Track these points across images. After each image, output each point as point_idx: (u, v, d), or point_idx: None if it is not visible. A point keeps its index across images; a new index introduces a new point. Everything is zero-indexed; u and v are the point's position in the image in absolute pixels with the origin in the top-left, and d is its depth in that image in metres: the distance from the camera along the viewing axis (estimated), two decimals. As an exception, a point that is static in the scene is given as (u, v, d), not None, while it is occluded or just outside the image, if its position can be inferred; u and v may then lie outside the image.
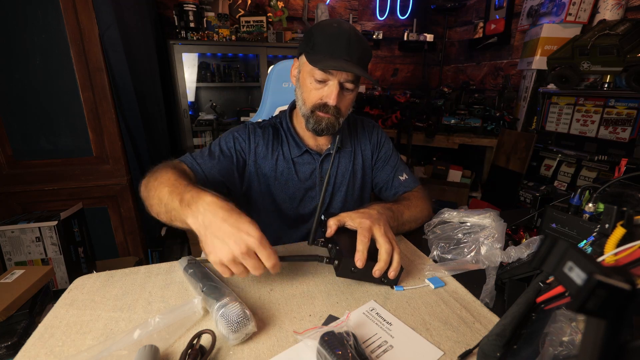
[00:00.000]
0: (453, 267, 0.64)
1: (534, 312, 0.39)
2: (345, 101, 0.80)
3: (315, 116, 0.79)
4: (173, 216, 0.58)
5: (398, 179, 0.93)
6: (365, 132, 0.96)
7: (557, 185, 1.81)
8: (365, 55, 0.77)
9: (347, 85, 0.77)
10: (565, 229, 0.67)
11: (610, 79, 1.62)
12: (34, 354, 0.45)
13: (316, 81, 0.76)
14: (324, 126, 0.79)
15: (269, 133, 0.89)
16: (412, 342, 0.47)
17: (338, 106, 0.78)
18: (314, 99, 0.78)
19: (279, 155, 0.87)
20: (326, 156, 0.89)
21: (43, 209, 1.59)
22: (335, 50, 0.72)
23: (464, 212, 0.79)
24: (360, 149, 0.94)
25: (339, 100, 0.77)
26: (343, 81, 0.76)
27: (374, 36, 2.79)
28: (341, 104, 0.79)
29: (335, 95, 0.75)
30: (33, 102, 1.47)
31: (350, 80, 0.76)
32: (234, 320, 0.44)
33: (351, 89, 0.79)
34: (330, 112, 0.78)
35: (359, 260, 0.56)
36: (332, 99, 0.75)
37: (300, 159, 0.88)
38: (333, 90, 0.75)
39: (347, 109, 0.82)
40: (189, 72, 2.17)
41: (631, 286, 0.19)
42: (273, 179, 0.88)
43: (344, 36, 0.73)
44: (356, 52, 0.73)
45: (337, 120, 0.80)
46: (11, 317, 1.04)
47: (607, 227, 0.38)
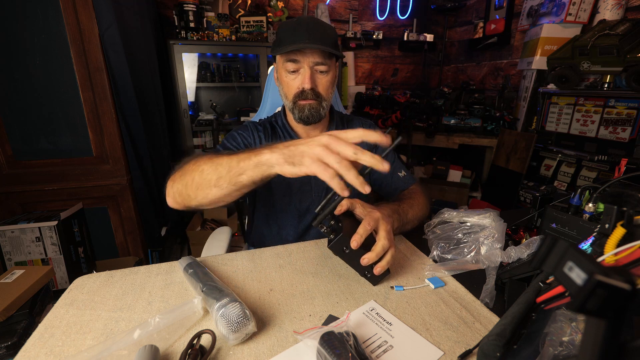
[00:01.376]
0: (453, 267, 0.64)
1: (534, 312, 0.39)
2: (322, 83, 0.82)
3: (297, 106, 0.83)
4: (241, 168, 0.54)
5: (397, 176, 0.95)
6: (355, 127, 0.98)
7: (557, 185, 1.81)
8: (326, 35, 0.79)
9: (319, 68, 0.80)
10: (565, 229, 0.67)
11: (610, 79, 1.62)
12: (34, 354, 0.45)
13: (290, 72, 0.81)
14: (308, 112, 0.83)
15: (268, 130, 0.93)
16: (412, 342, 0.47)
17: (316, 90, 0.81)
18: (292, 89, 0.82)
19: None
20: None
21: (43, 209, 1.59)
22: (296, 38, 0.77)
23: (464, 212, 0.79)
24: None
25: (315, 82, 0.81)
26: (313, 64, 0.79)
27: (374, 36, 2.79)
28: (319, 87, 0.82)
29: (307, 78, 0.79)
30: (33, 102, 1.47)
31: (321, 63, 0.80)
32: (234, 320, 0.44)
33: (325, 71, 0.81)
34: (310, 97, 0.81)
35: (355, 241, 0.56)
36: (306, 82, 0.79)
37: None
38: (305, 74, 0.80)
39: (326, 91, 0.84)
40: (189, 72, 2.17)
41: (631, 286, 0.19)
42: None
43: (302, 24, 0.78)
44: (316, 33, 0.77)
45: (320, 104, 0.83)
46: (11, 317, 1.04)
47: (607, 227, 0.38)
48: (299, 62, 0.79)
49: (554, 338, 0.38)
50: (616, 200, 0.43)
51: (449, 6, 2.79)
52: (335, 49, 0.80)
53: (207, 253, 0.91)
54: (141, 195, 1.73)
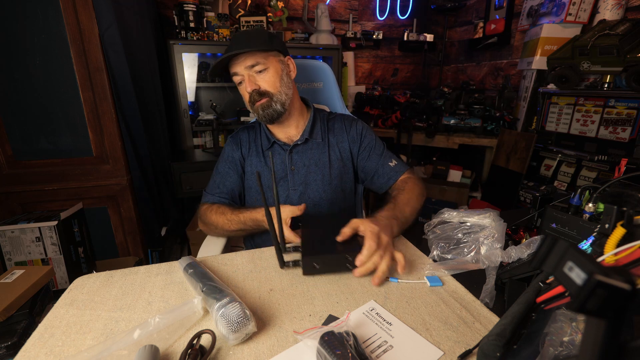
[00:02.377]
0: (453, 267, 0.64)
1: (534, 312, 0.39)
2: (265, 80, 0.87)
3: (254, 109, 0.89)
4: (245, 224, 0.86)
5: (388, 166, 0.97)
6: (344, 126, 1.01)
7: (557, 185, 1.81)
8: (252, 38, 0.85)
9: (255, 69, 0.86)
10: (565, 229, 0.67)
11: (610, 79, 1.62)
12: (34, 354, 0.45)
13: (238, 84, 0.89)
14: (262, 112, 0.88)
15: (246, 134, 1.00)
16: (412, 342, 0.47)
17: (261, 89, 0.87)
18: (246, 96, 0.90)
19: (254, 152, 0.98)
20: (295, 146, 0.96)
21: (43, 209, 1.59)
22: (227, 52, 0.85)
23: (464, 212, 0.79)
24: (337, 142, 0.99)
25: (256, 83, 0.86)
26: (249, 68, 0.85)
27: (374, 36, 2.79)
28: (262, 85, 0.87)
29: (247, 81, 0.86)
30: (33, 102, 1.47)
31: (253, 64, 0.85)
32: (234, 320, 0.44)
33: (263, 69, 0.86)
34: (258, 98, 0.87)
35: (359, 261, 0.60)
36: (248, 86, 0.86)
37: (269, 150, 0.97)
38: (245, 80, 0.86)
39: (272, 86, 0.88)
40: (189, 72, 2.17)
41: (631, 286, 0.19)
42: (250, 174, 0.98)
43: (232, 40, 0.87)
44: (241, 41, 0.84)
45: (271, 100, 0.88)
46: (11, 317, 1.04)
47: (607, 227, 0.38)
48: (237, 73, 0.86)
49: (554, 338, 0.38)
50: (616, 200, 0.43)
51: (449, 6, 2.79)
52: (267, 46, 0.85)
53: (204, 253, 0.91)
54: (141, 195, 1.73)
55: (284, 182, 0.96)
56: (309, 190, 0.97)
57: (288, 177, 0.96)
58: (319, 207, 0.97)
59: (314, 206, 0.96)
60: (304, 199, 0.96)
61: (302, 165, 0.96)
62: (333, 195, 0.97)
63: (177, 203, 2.03)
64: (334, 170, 0.97)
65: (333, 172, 0.97)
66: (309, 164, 0.96)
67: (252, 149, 0.98)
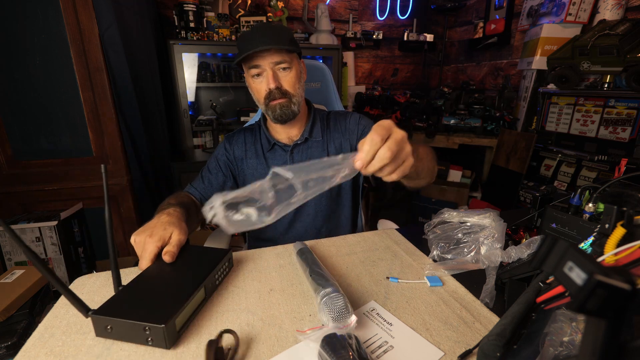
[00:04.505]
0: (453, 267, 0.64)
1: (534, 312, 0.39)
2: (287, 80, 0.85)
3: (269, 107, 0.86)
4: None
5: None
6: (337, 122, 0.99)
7: (557, 185, 1.81)
8: (280, 35, 0.82)
9: (280, 66, 0.84)
10: (565, 229, 0.67)
11: (610, 79, 1.62)
12: (34, 354, 0.45)
13: (255, 77, 0.85)
14: (280, 111, 0.85)
15: (242, 136, 0.98)
16: (413, 342, 0.47)
17: (282, 88, 0.84)
18: (261, 92, 0.86)
19: (252, 154, 0.96)
20: (295, 146, 0.94)
21: (43, 209, 1.59)
22: (251, 44, 0.80)
23: (464, 212, 0.79)
24: (333, 140, 0.98)
25: (279, 81, 0.84)
26: (274, 64, 0.83)
27: (374, 36, 2.79)
28: (284, 84, 0.85)
29: (271, 78, 0.83)
30: (33, 102, 1.47)
31: (280, 61, 0.83)
32: (336, 311, 0.47)
33: (287, 67, 0.84)
34: (278, 96, 0.84)
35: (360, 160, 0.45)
36: (270, 82, 0.83)
37: (271, 153, 0.96)
38: (268, 75, 0.83)
39: (293, 88, 0.86)
40: (189, 72, 2.17)
41: (631, 286, 0.19)
42: (251, 176, 0.96)
43: (255, 30, 0.82)
44: (269, 35, 0.81)
45: (290, 101, 0.86)
46: (11, 317, 1.04)
47: (607, 227, 0.38)
48: (260, 66, 0.83)
49: (554, 338, 0.38)
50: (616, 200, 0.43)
51: (449, 6, 2.79)
52: (292, 46, 0.83)
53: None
54: (141, 195, 1.73)
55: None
56: None
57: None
58: (318, 206, 0.96)
59: (314, 206, 0.96)
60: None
61: None
62: (331, 194, 0.97)
63: (177, 203, 2.03)
64: None
65: None
66: None
67: (251, 151, 0.97)
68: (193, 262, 0.59)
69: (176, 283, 0.53)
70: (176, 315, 0.46)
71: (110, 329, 0.46)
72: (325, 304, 0.48)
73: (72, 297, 0.45)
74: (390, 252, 0.73)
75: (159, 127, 1.88)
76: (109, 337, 0.47)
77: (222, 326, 0.50)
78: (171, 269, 0.57)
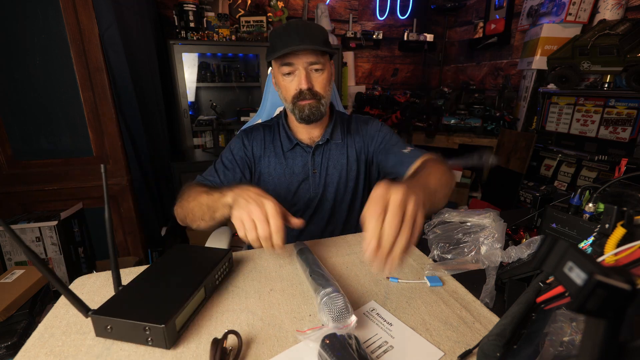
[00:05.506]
0: (453, 267, 0.64)
1: (534, 312, 0.39)
2: (319, 82, 0.83)
3: (297, 106, 0.84)
4: (215, 207, 0.68)
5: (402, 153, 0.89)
6: (359, 126, 0.98)
7: (557, 185, 1.81)
8: (316, 35, 0.80)
9: (314, 67, 0.82)
10: (565, 229, 0.67)
11: (611, 79, 1.62)
12: (34, 354, 0.45)
13: (286, 75, 0.83)
14: (308, 111, 0.84)
15: (261, 133, 0.96)
16: (413, 342, 0.47)
17: (314, 89, 0.83)
18: (291, 91, 0.84)
19: (271, 152, 0.94)
20: (316, 147, 0.93)
21: (43, 209, 1.59)
22: (287, 41, 0.78)
23: (464, 212, 0.79)
24: (354, 143, 0.96)
25: (311, 82, 0.82)
26: (307, 65, 0.81)
27: (374, 36, 2.79)
28: (316, 86, 0.83)
29: (304, 78, 0.81)
30: (33, 102, 1.47)
31: (314, 62, 0.81)
32: (336, 311, 0.47)
33: (320, 69, 0.82)
34: (308, 97, 0.82)
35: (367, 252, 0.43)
36: (303, 83, 0.81)
37: (291, 152, 0.94)
38: (301, 75, 0.81)
39: (324, 90, 0.85)
40: (189, 72, 2.17)
41: (631, 286, 0.19)
42: (267, 175, 0.94)
43: (291, 27, 0.80)
44: (306, 34, 0.78)
45: (319, 102, 0.84)
46: (11, 317, 1.04)
47: (607, 227, 0.38)
48: (293, 65, 0.81)
49: (554, 338, 0.38)
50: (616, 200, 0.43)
51: (449, 6, 2.79)
52: (327, 47, 0.81)
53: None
54: (141, 195, 1.73)
55: (306, 185, 0.94)
56: (327, 193, 0.94)
57: (310, 179, 0.93)
58: (335, 209, 0.95)
59: (331, 209, 0.94)
60: (322, 202, 0.94)
61: (322, 166, 0.94)
62: (348, 198, 0.95)
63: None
64: (351, 172, 0.95)
65: (350, 174, 0.95)
66: (327, 165, 0.94)
67: (270, 150, 0.94)
68: (193, 262, 0.59)
69: (176, 283, 0.53)
70: (176, 315, 0.46)
71: (110, 329, 0.46)
72: (326, 304, 0.48)
73: (72, 297, 0.45)
74: (390, 252, 0.72)
75: (159, 127, 1.88)
76: (109, 337, 0.47)
77: (222, 326, 0.50)
78: (171, 269, 0.57)
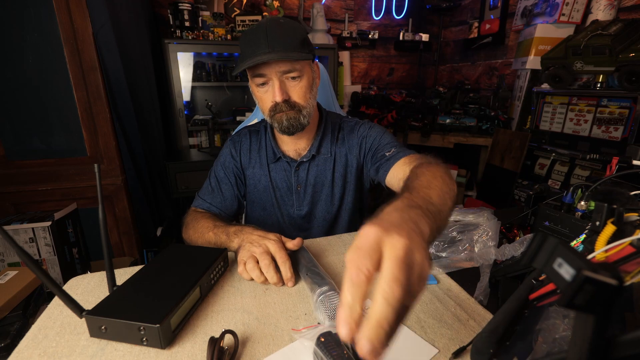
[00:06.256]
0: (447, 265, 0.65)
1: (526, 309, 0.39)
2: (296, 91, 0.76)
3: (275, 119, 0.77)
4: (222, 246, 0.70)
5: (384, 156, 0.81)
6: (345, 135, 0.90)
7: (551, 184, 1.83)
8: (290, 37, 0.71)
9: (289, 75, 0.74)
10: (558, 226, 0.68)
11: (603, 79, 1.64)
12: (27, 355, 0.44)
13: (260, 86, 0.76)
14: (287, 123, 0.76)
15: (248, 140, 0.92)
16: (407, 340, 0.48)
17: (291, 100, 0.75)
18: (267, 103, 0.77)
19: (257, 162, 0.90)
20: (300, 163, 0.87)
21: (36, 210, 1.57)
22: (255, 49, 0.70)
23: (458, 210, 0.79)
24: (342, 154, 0.89)
25: (287, 93, 0.75)
26: (281, 74, 0.73)
27: (370, 36, 2.79)
28: (292, 96, 0.76)
29: (277, 90, 0.73)
30: (25, 102, 1.45)
31: (288, 70, 0.73)
32: (333, 309, 0.48)
33: (297, 76, 0.75)
34: (285, 109, 0.75)
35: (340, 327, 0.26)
36: (277, 95, 0.74)
37: (275, 165, 0.89)
38: (274, 87, 0.74)
39: (303, 99, 0.77)
40: (184, 72, 2.16)
41: (618, 282, 0.19)
42: (253, 187, 0.91)
43: (260, 31, 0.71)
44: (276, 39, 0.70)
45: (299, 113, 0.77)
46: (4, 318, 1.03)
47: (598, 225, 0.39)
48: (265, 75, 0.73)
49: (546, 334, 0.39)
50: (607, 198, 0.43)
51: (444, 6, 2.80)
52: (302, 49, 0.72)
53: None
54: (136, 195, 1.72)
55: (288, 201, 0.89)
56: (316, 210, 0.90)
57: (293, 196, 0.89)
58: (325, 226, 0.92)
59: (321, 226, 0.91)
60: (310, 219, 0.91)
61: (308, 183, 0.88)
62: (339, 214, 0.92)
63: (172, 203, 2.02)
64: (337, 188, 0.89)
65: (335, 190, 0.89)
66: (314, 182, 0.88)
67: (255, 159, 0.90)
68: (188, 262, 0.59)
69: (171, 283, 0.53)
70: (171, 315, 0.46)
71: (104, 329, 0.46)
72: (322, 302, 0.48)
73: (66, 298, 0.45)
74: (386, 250, 0.73)
75: (154, 127, 1.87)
76: (104, 337, 0.47)
77: (217, 325, 0.50)
78: (166, 268, 0.57)
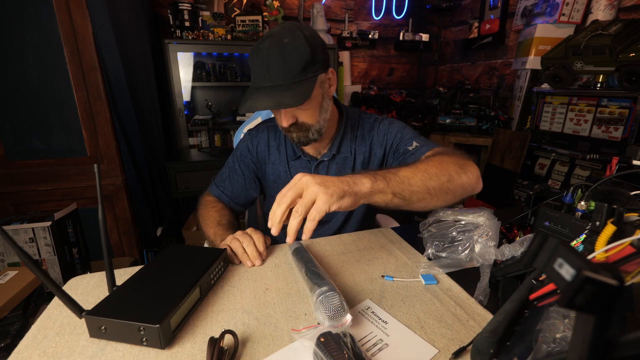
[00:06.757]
0: (447, 265, 0.65)
1: (527, 309, 0.39)
2: (304, 114, 0.76)
3: (288, 136, 0.81)
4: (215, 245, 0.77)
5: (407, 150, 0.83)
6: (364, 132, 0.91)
7: (551, 184, 1.83)
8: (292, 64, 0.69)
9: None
10: (558, 226, 0.67)
11: (603, 79, 1.64)
12: (27, 356, 0.44)
13: None
14: (297, 140, 0.79)
15: (266, 136, 0.91)
16: (408, 340, 0.47)
17: (298, 121, 0.76)
18: (279, 121, 0.79)
19: (275, 158, 0.90)
20: (320, 162, 0.88)
21: (36, 210, 1.57)
22: (259, 81, 0.72)
23: (458, 210, 0.79)
24: (361, 152, 0.90)
25: (296, 115, 0.75)
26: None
27: (370, 36, 2.79)
28: (302, 118, 0.76)
29: (284, 117, 0.75)
30: (26, 102, 1.45)
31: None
32: (332, 309, 0.47)
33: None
34: (294, 131, 0.77)
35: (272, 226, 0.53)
36: (283, 122, 0.76)
37: (295, 162, 0.90)
38: (280, 113, 0.76)
39: (312, 119, 0.77)
40: (184, 72, 2.16)
41: (619, 282, 0.19)
42: (273, 182, 0.92)
43: (262, 60, 0.70)
44: (277, 71, 0.69)
45: (308, 131, 0.77)
46: (4, 318, 1.03)
47: (598, 225, 0.39)
48: None
49: (547, 335, 0.39)
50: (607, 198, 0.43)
51: (444, 6, 2.80)
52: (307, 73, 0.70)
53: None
54: (136, 195, 1.72)
55: None
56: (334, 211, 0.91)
57: None
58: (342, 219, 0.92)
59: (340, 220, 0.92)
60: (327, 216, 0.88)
61: None
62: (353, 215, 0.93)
63: (172, 203, 2.02)
64: None
65: None
66: None
67: (274, 155, 0.90)
68: (188, 262, 0.59)
69: (171, 283, 0.53)
70: (171, 315, 0.46)
71: (104, 329, 0.46)
72: (322, 302, 0.48)
73: (66, 298, 0.45)
74: (386, 250, 0.73)
75: (154, 127, 1.87)
76: (103, 337, 0.47)
77: (217, 326, 0.50)
78: (166, 268, 0.57)
